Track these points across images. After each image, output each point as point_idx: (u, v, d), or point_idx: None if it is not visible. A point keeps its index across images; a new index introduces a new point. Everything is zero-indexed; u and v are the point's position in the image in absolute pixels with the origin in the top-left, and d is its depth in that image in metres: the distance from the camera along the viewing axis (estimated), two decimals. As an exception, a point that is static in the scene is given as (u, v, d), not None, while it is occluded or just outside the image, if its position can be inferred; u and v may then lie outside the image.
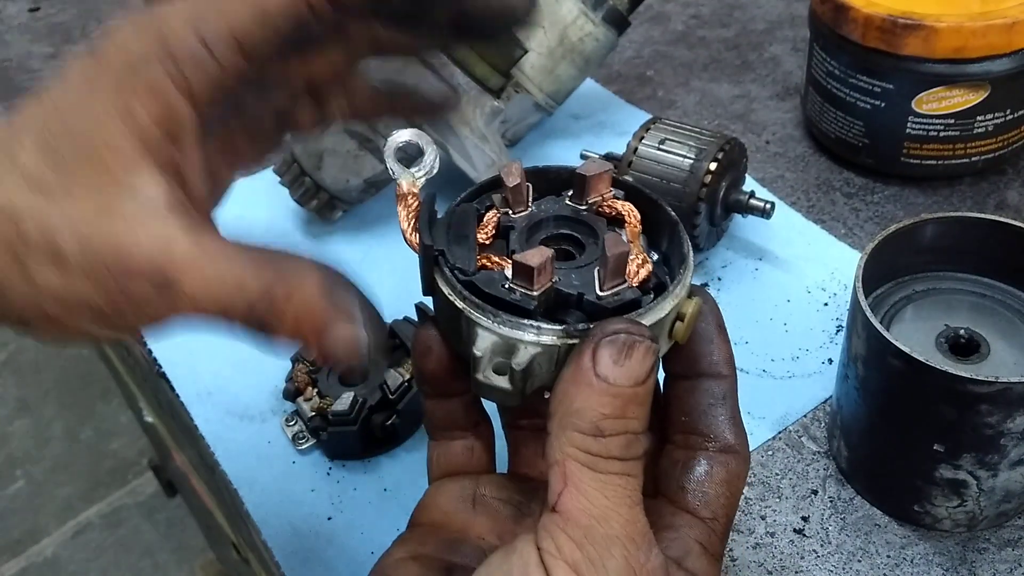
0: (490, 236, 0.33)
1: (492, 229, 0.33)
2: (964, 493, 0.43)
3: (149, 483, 1.66)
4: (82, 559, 1.65)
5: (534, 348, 0.30)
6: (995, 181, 0.66)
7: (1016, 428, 0.40)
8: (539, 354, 0.30)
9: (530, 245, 0.32)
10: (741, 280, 0.60)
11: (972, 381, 0.39)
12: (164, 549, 1.65)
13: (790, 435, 0.51)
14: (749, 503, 0.48)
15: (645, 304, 0.30)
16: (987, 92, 0.60)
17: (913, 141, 0.63)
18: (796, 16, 0.87)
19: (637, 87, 0.80)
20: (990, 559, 0.44)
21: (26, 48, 0.95)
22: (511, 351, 0.30)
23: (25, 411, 1.88)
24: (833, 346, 0.55)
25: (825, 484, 0.48)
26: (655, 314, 0.31)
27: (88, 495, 1.73)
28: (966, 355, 0.45)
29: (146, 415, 1.05)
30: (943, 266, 0.48)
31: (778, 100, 0.76)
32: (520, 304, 0.30)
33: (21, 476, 1.77)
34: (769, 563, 0.45)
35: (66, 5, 1.02)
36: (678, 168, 0.57)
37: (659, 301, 0.31)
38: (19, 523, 1.70)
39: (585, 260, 0.33)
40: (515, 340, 0.30)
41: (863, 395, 0.44)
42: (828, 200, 0.66)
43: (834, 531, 0.46)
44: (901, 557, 0.45)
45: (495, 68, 0.63)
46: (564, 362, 0.30)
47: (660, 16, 0.89)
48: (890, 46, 0.60)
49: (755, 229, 0.63)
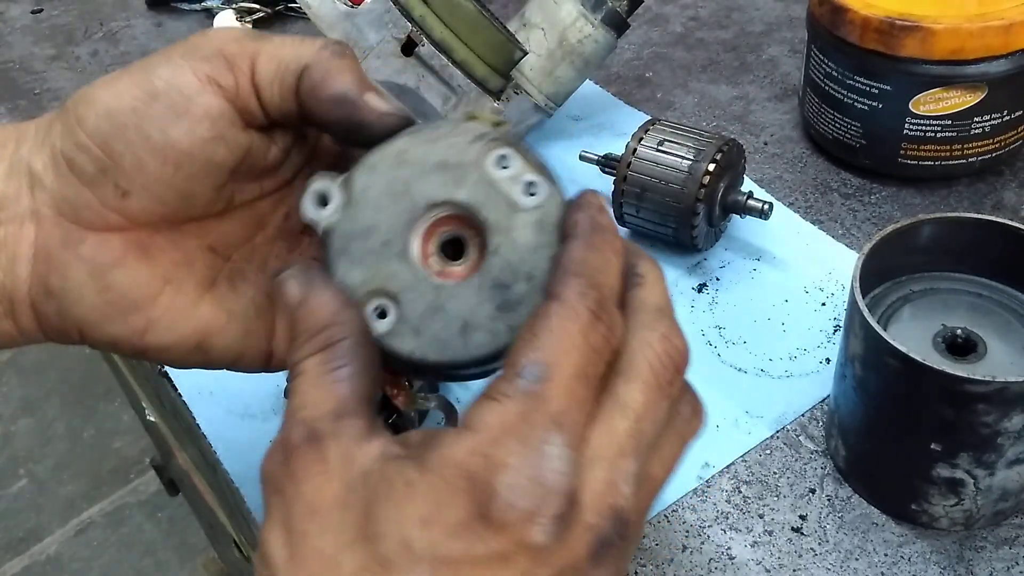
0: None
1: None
2: (961, 492, 0.44)
3: (151, 482, 1.66)
4: (85, 557, 1.65)
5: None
6: (992, 182, 0.66)
7: (1013, 427, 0.41)
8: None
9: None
10: (739, 280, 0.61)
11: (969, 381, 0.39)
12: (166, 547, 1.66)
13: (788, 434, 0.51)
14: (747, 502, 0.48)
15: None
16: (984, 93, 0.60)
17: (910, 142, 0.63)
18: (794, 18, 0.87)
19: (636, 88, 0.80)
20: (987, 557, 0.45)
21: (29, 49, 0.95)
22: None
23: (28, 410, 1.89)
24: (831, 346, 0.55)
25: (823, 483, 0.49)
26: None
27: (90, 494, 1.74)
28: (963, 355, 0.45)
29: (148, 414, 1.06)
30: (940, 266, 0.49)
31: (776, 101, 0.77)
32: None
33: (24, 475, 1.78)
34: (767, 561, 0.45)
35: (69, 7, 1.02)
36: (676, 169, 0.58)
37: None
38: (22, 522, 1.71)
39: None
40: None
41: (860, 394, 0.45)
42: (826, 201, 0.66)
43: (832, 530, 0.46)
44: (898, 555, 0.45)
45: (495, 70, 0.63)
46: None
47: (659, 18, 0.90)
48: (888, 47, 0.60)
49: (753, 230, 0.64)
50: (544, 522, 0.26)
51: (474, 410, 0.27)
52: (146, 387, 0.99)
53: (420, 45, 0.60)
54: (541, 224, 0.32)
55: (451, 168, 0.32)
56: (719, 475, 0.49)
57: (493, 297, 0.32)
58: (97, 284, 0.35)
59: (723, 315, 0.58)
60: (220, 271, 0.38)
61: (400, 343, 0.32)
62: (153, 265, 0.36)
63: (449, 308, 0.32)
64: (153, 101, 0.34)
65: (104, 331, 0.36)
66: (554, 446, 0.27)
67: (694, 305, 0.59)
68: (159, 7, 1.00)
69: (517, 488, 0.26)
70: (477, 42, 0.61)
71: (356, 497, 0.27)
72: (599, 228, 0.30)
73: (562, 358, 0.27)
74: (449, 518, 0.26)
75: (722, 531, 0.47)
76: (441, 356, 0.32)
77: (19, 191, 0.35)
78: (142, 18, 0.99)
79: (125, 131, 0.33)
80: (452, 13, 0.60)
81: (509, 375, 0.27)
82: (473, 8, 0.60)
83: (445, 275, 0.33)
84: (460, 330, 0.32)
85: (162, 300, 0.36)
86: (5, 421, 1.87)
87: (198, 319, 0.37)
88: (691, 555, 0.46)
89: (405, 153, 0.33)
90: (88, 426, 1.84)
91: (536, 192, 0.32)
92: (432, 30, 0.60)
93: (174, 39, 0.94)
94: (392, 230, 0.32)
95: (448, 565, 0.26)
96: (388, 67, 0.61)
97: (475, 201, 0.32)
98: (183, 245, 0.37)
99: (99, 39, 0.96)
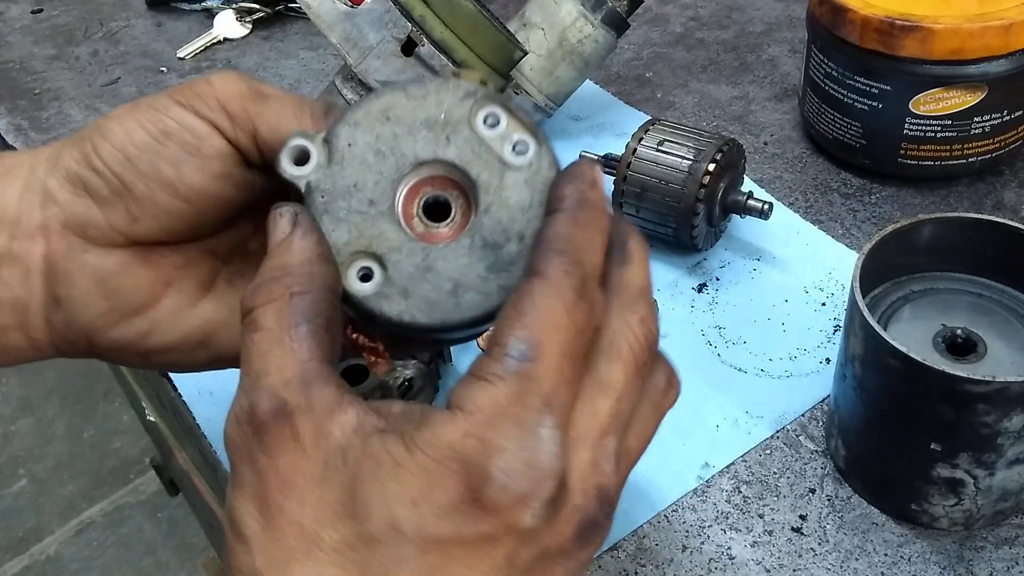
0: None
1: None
2: (961, 492, 0.44)
3: (151, 482, 1.66)
4: (84, 557, 1.65)
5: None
6: (992, 182, 0.66)
7: (1013, 427, 0.41)
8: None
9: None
10: (739, 280, 0.61)
11: (969, 380, 0.39)
12: (166, 547, 1.65)
13: (788, 434, 0.51)
14: (747, 502, 0.48)
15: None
16: (984, 93, 0.60)
17: (910, 142, 0.63)
18: (794, 18, 0.87)
19: (636, 88, 0.80)
20: (987, 557, 0.45)
21: (29, 50, 0.95)
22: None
23: (28, 410, 1.89)
24: (831, 346, 0.55)
25: (823, 483, 0.49)
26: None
27: (90, 494, 1.74)
28: (963, 355, 0.45)
29: (148, 414, 1.06)
30: (940, 266, 0.49)
31: (776, 101, 0.77)
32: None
33: (24, 475, 1.78)
34: (767, 561, 0.45)
35: (69, 7, 1.03)
36: (676, 169, 0.58)
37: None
38: (22, 522, 1.70)
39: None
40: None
41: (860, 394, 0.45)
42: (826, 201, 0.66)
43: (832, 530, 0.46)
44: (898, 555, 0.45)
45: (495, 70, 0.63)
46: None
47: (659, 18, 0.90)
48: (888, 47, 0.60)
49: (753, 230, 0.64)
50: (536, 506, 0.26)
51: (463, 390, 0.27)
52: (146, 387, 0.99)
53: (420, 45, 0.60)
54: (532, 183, 0.31)
55: (439, 125, 0.32)
56: (719, 475, 0.49)
57: (484, 257, 0.31)
58: (101, 291, 0.36)
59: (723, 315, 0.58)
60: (219, 273, 0.39)
61: (388, 306, 0.31)
62: (155, 269, 0.37)
63: (439, 268, 0.31)
64: (166, 139, 0.34)
65: (110, 336, 0.36)
66: (546, 428, 0.27)
67: (694, 305, 0.59)
68: (159, 7, 1.00)
69: (512, 472, 0.26)
70: (477, 42, 0.61)
71: (336, 473, 0.27)
72: (587, 204, 0.30)
73: (549, 336, 0.27)
74: (440, 499, 0.26)
75: (722, 531, 0.47)
76: (431, 318, 0.31)
77: (32, 208, 0.35)
78: (142, 18, 0.99)
79: (139, 163, 0.34)
80: (452, 13, 0.60)
81: (496, 353, 0.27)
82: (473, 8, 0.60)
83: (429, 237, 0.32)
84: (451, 291, 0.31)
85: (164, 302, 0.37)
86: (5, 421, 1.87)
87: (200, 317, 0.37)
88: (691, 555, 0.46)
89: (391, 110, 0.32)
90: (88, 426, 1.84)
91: (526, 151, 0.31)
92: (432, 30, 0.60)
93: (174, 39, 0.94)
94: (378, 188, 0.32)
95: (436, 545, 0.26)
96: (388, 67, 0.61)
97: (464, 159, 0.32)
98: (184, 251, 0.37)
99: (99, 39, 0.96)
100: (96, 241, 0.35)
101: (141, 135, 0.34)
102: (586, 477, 0.28)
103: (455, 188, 0.32)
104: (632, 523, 0.47)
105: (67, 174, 0.35)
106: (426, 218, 0.32)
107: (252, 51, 0.92)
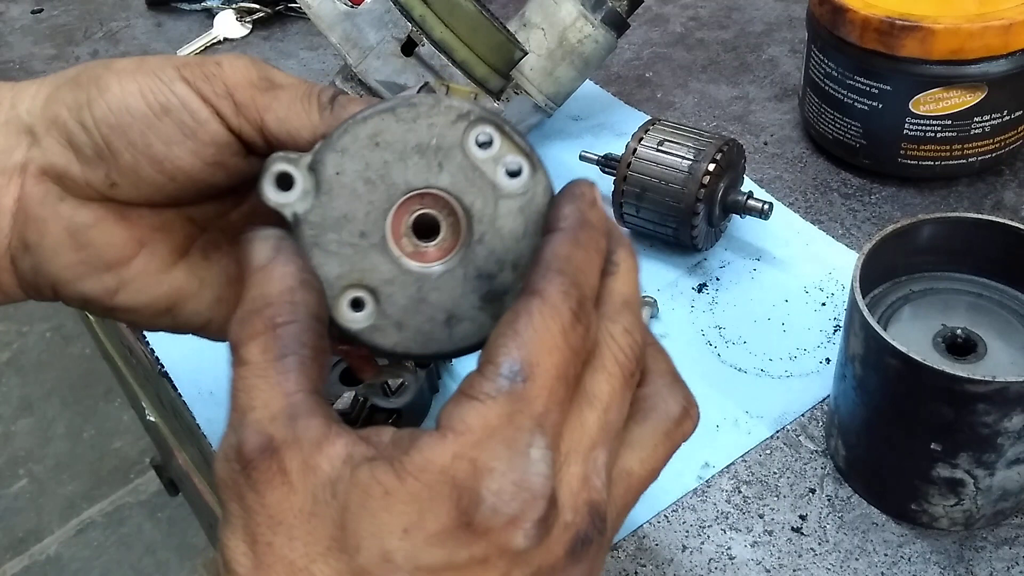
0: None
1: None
2: (961, 492, 0.44)
3: (151, 482, 1.66)
4: (85, 557, 1.65)
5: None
6: (992, 182, 0.66)
7: (1013, 427, 0.41)
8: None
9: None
10: (739, 280, 0.61)
11: (969, 381, 0.39)
12: (166, 547, 1.65)
13: (788, 434, 0.51)
14: (747, 502, 0.48)
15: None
16: (984, 93, 0.60)
17: (910, 142, 0.63)
18: (794, 18, 0.87)
19: (636, 88, 0.80)
20: (987, 557, 0.45)
21: (29, 49, 0.95)
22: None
23: (28, 410, 1.89)
24: (831, 346, 0.55)
25: (823, 483, 0.49)
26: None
27: (90, 494, 1.74)
28: (963, 355, 0.45)
29: (148, 414, 1.06)
30: (940, 266, 0.49)
31: (776, 101, 0.77)
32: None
33: (24, 475, 1.78)
34: (767, 561, 0.45)
35: (69, 7, 1.03)
36: (676, 169, 0.58)
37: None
38: (22, 522, 1.70)
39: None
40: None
41: (860, 394, 0.45)
42: (826, 201, 0.66)
43: (832, 530, 0.46)
44: (898, 555, 0.45)
45: (495, 70, 0.63)
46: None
47: (659, 18, 0.90)
48: (888, 47, 0.60)
49: (753, 229, 0.64)
50: (528, 527, 0.26)
51: (453, 409, 0.26)
52: (146, 387, 0.99)
53: (420, 45, 0.60)
54: (526, 211, 0.31)
55: (431, 151, 0.31)
56: (719, 475, 0.49)
57: (478, 287, 0.31)
58: (73, 242, 0.35)
59: (723, 315, 0.58)
60: (195, 240, 0.38)
61: (382, 338, 0.31)
62: (130, 228, 0.36)
63: (432, 300, 0.31)
64: (164, 114, 0.33)
65: (76, 289, 0.36)
66: (537, 448, 0.26)
67: (694, 305, 0.59)
68: (159, 7, 1.00)
69: (503, 493, 0.26)
70: (477, 42, 0.61)
71: (325, 507, 0.26)
72: (587, 224, 0.29)
73: (544, 358, 0.27)
74: (431, 527, 0.25)
75: (722, 531, 0.47)
76: (425, 349, 0.31)
77: (13, 147, 0.35)
78: (142, 18, 0.99)
79: (130, 133, 0.33)
80: (452, 13, 0.60)
81: (489, 373, 0.27)
82: (473, 8, 0.60)
83: (418, 256, 0.32)
84: (444, 322, 0.31)
85: (136, 262, 0.36)
86: (5, 421, 1.87)
87: (170, 284, 0.37)
88: (691, 555, 0.46)
89: (380, 135, 0.31)
90: (88, 426, 1.84)
91: (520, 174, 0.31)
92: (432, 30, 0.60)
93: (174, 39, 0.94)
94: (369, 219, 0.31)
95: (429, 573, 0.26)
96: (388, 67, 0.61)
97: (458, 187, 0.31)
98: (162, 213, 0.37)
99: (99, 39, 0.96)
100: (72, 192, 0.35)
101: (139, 103, 0.33)
102: (576, 493, 0.28)
103: (444, 208, 0.32)
104: (632, 523, 0.47)
105: (55, 120, 0.34)
106: (415, 236, 0.32)
107: (252, 51, 0.92)
